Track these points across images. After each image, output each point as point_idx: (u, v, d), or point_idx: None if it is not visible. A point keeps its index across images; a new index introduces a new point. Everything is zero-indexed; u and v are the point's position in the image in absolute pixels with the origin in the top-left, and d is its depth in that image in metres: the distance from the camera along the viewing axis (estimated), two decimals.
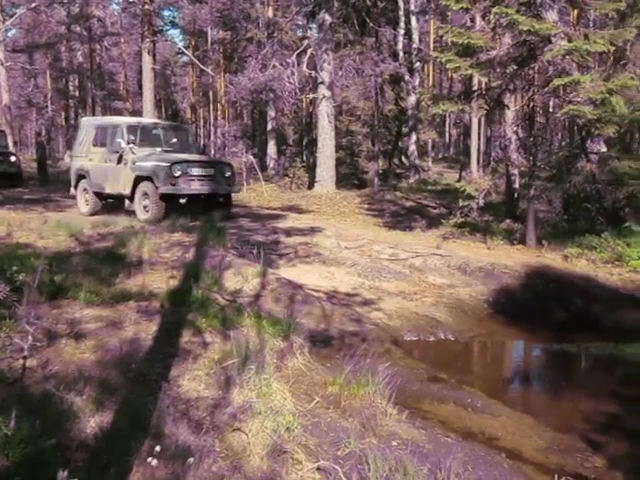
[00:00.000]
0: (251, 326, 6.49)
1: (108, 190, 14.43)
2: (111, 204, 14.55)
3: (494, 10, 11.06)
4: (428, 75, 44.87)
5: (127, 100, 42.61)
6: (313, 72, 22.60)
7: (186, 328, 6.08)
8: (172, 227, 11.43)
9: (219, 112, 44.83)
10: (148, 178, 13.37)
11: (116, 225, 11.57)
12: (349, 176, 28.55)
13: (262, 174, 24.42)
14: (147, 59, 23.11)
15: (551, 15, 11.58)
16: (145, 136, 14.53)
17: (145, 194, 13.43)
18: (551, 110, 13.05)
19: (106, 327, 5.85)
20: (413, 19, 29.25)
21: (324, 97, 22.00)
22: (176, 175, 13.13)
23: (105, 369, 4.97)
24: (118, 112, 38.02)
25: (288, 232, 12.58)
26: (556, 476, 4.40)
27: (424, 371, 7.00)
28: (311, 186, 23.39)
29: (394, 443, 4.76)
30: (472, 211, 12.78)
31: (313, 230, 12.87)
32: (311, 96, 25.49)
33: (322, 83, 22.10)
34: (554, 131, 24.84)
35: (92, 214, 14.38)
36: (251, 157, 25.29)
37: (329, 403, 5.33)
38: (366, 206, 18.92)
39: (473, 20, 16.20)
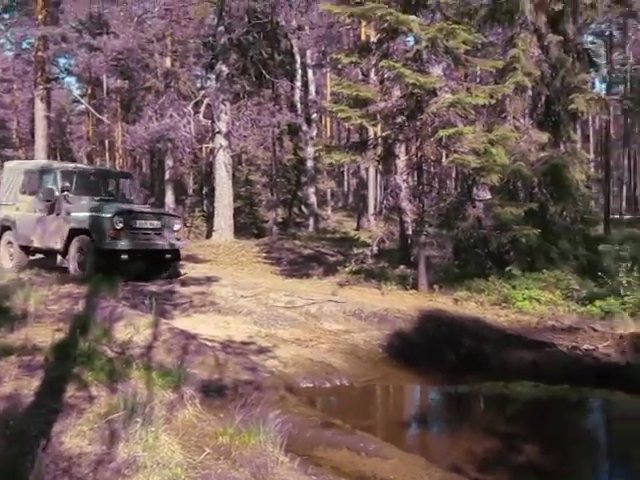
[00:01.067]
0: (140, 378, 6.31)
1: (37, 244, 13.01)
2: (41, 260, 13.31)
3: (381, 64, 11.55)
4: (326, 126, 45.84)
5: (19, 148, 41.30)
6: (210, 122, 22.70)
7: (71, 382, 5.84)
8: (62, 278, 11.08)
9: (116, 161, 44.07)
10: (85, 231, 11.91)
11: (2, 277, 11.10)
12: (248, 225, 28.62)
13: None
14: (40, 106, 22.61)
15: (436, 70, 12.17)
16: (82, 183, 13.10)
17: (81, 249, 11.94)
18: (438, 159, 13.58)
19: None
20: (310, 72, 30.04)
21: (221, 147, 22.11)
22: (118, 228, 11.70)
23: None
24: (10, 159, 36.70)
25: (184, 281, 12.43)
26: None
27: (318, 417, 6.99)
28: (209, 235, 23.29)
29: None
30: (367, 258, 13.06)
31: (209, 279, 12.76)
32: (209, 146, 25.53)
33: (219, 133, 22.23)
34: (443, 179, 25.84)
35: (19, 270, 12.60)
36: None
37: (220, 454, 5.22)
38: (264, 255, 18.97)
39: (366, 75, 16.82)
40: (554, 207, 13.33)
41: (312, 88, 30.73)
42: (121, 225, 11.73)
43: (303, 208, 31.96)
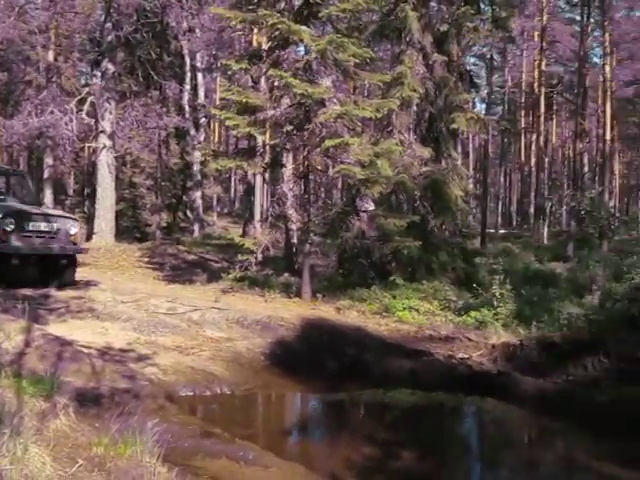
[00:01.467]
0: (9, 387, 5.98)
1: None
2: None
3: (270, 72, 11.60)
4: (214, 131, 45.51)
5: None
6: (94, 120, 21.98)
7: None
8: None
9: None
10: None
11: None
12: (131, 229, 27.87)
13: None
14: None
15: (325, 81, 12.34)
16: None
17: None
18: (325, 169, 13.77)
19: None
20: (199, 75, 29.75)
21: (105, 147, 21.47)
22: (8, 230, 10.79)
23: None
24: None
25: (60, 286, 11.92)
26: None
27: (197, 427, 6.89)
28: (89, 238, 22.47)
29: None
30: (251, 265, 13.01)
31: (88, 284, 12.34)
32: (92, 145, 24.69)
33: (103, 132, 21.57)
34: (329, 189, 26.27)
35: None
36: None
37: (94, 465, 5.03)
38: (146, 259, 18.55)
39: (256, 82, 16.82)
40: (434, 220, 13.83)
41: (201, 92, 30.41)
42: (12, 227, 10.84)
43: (188, 213, 31.53)
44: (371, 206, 13.31)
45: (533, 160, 40.26)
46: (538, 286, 14.78)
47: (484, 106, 40.79)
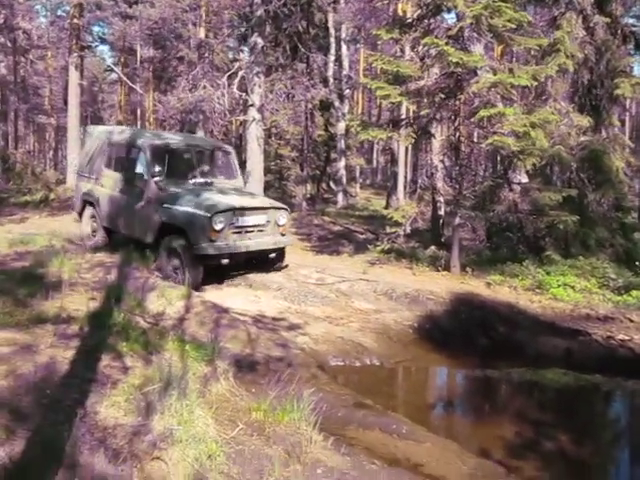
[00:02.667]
0: (174, 350, 6.31)
1: (124, 230, 11.62)
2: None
3: (424, 41, 11.30)
4: (357, 102, 45.51)
5: (51, 115, 41.56)
6: (244, 94, 22.54)
7: (106, 352, 5.86)
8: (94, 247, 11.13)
9: None
10: (178, 229, 10.19)
11: (35, 243, 11.16)
12: (277, 200, 28.47)
13: None
14: (74, 74, 22.63)
15: (478, 48, 11.91)
16: (175, 162, 11.26)
17: (174, 251, 10.27)
18: (476, 140, 13.35)
19: (20, 351, 5.57)
20: (344, 47, 29.73)
21: (254, 120, 21.94)
22: (217, 229, 10.00)
23: (17, 395, 4.72)
24: (42, 127, 37.12)
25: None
26: None
27: (350, 397, 6.95)
28: None
29: (319, 471, 4.70)
30: (399, 237, 12.91)
31: None
32: (241, 118, 25.40)
33: (252, 106, 22.03)
34: (478, 161, 25.58)
35: (96, 249, 11.54)
36: None
37: (253, 430, 5.21)
38: (294, 230, 18.86)
39: (402, 51, 16.55)
40: (593, 194, 13.08)
41: (345, 63, 30.41)
42: (222, 225, 10.04)
43: (332, 184, 31.79)
44: (524, 179, 12.78)
45: None
46: None
47: None
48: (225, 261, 10.14)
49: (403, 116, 18.51)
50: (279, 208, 11.34)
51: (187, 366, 5.89)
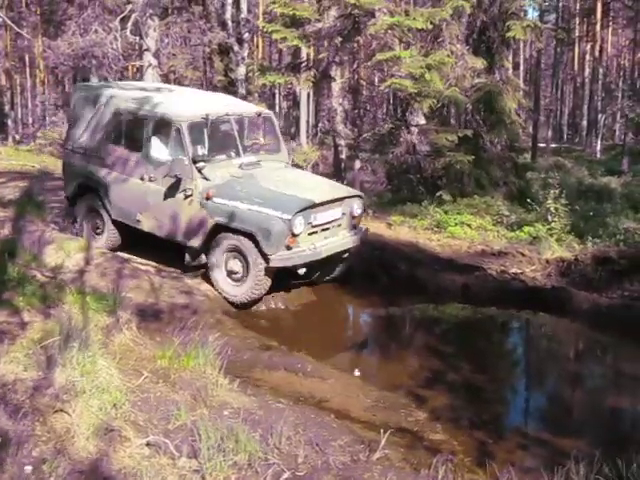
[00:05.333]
0: (74, 303, 6.20)
1: (146, 226, 8.79)
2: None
3: None
4: (258, 47, 44.73)
5: None
6: (138, 38, 21.76)
7: (1, 308, 5.69)
8: None
9: (37, 79, 42.06)
10: (240, 232, 7.88)
11: None
12: None
13: None
14: None
15: None
16: (214, 137, 8.72)
17: (234, 257, 8.03)
18: (375, 83, 13.45)
19: None
20: None
21: (150, 65, 21.26)
22: (297, 233, 7.89)
23: None
24: None
25: None
26: (382, 431, 4.61)
27: (255, 340, 7.08)
28: None
29: (226, 412, 4.78)
30: None
31: None
32: (137, 64, 24.56)
33: (148, 50, 21.33)
34: (379, 104, 25.83)
35: (112, 249, 9.21)
36: None
37: (158, 377, 5.23)
38: None
39: None
40: (487, 134, 13.49)
41: (244, 6, 29.70)
42: (302, 228, 7.92)
43: None
44: (422, 120, 13.03)
45: (587, 71, 38.80)
46: (592, 201, 14.51)
47: (537, 14, 38.92)
48: (302, 271, 8.17)
49: (304, 60, 18.37)
50: (354, 196, 9.09)
51: (88, 318, 5.81)
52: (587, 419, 6.17)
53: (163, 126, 8.62)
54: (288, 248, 7.82)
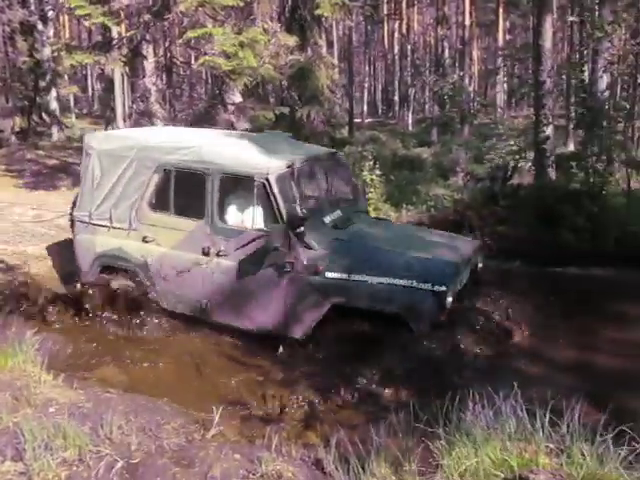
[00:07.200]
0: None
1: (218, 317, 6.85)
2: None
3: None
4: (64, 26, 42.45)
5: None
6: None
7: None
8: None
9: None
10: (374, 313, 6.11)
11: None
12: None
13: None
14: None
15: None
16: (300, 191, 6.74)
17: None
18: (188, 61, 13.26)
19: None
20: None
21: None
22: (449, 307, 6.19)
23: None
24: None
25: None
26: (214, 408, 4.59)
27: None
28: None
29: (51, 409, 4.59)
30: None
31: None
32: None
33: None
34: (195, 83, 25.44)
35: None
36: None
37: None
38: (3, 167, 17.43)
39: None
40: (302, 110, 13.77)
41: None
42: (451, 300, 6.22)
43: (44, 116, 29.64)
44: (238, 98, 13.03)
45: (396, 48, 40.61)
46: (406, 171, 15.33)
47: None
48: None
49: (116, 38, 17.67)
50: (479, 249, 7.50)
51: None
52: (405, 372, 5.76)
53: (236, 183, 6.82)
54: (436, 327, 6.12)
